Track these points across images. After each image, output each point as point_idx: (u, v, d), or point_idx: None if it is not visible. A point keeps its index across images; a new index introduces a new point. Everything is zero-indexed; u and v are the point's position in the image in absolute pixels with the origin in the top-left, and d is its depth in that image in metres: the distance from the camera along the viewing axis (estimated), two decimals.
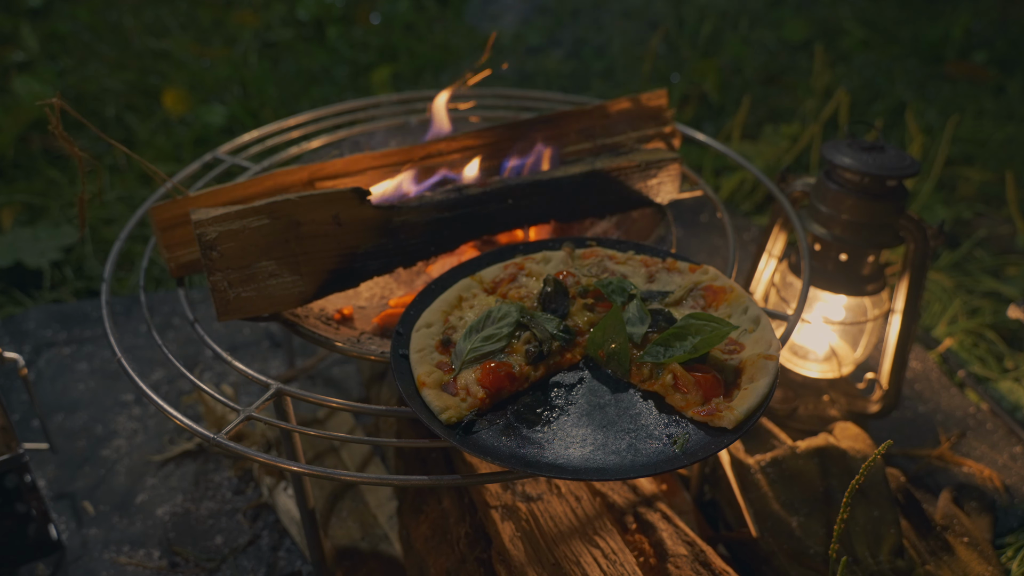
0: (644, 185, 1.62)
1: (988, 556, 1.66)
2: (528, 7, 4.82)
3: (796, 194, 1.83)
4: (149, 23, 4.49)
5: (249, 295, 1.33)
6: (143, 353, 2.32)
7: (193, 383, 1.28)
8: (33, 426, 2.06)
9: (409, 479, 1.13)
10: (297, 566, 1.72)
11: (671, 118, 1.80)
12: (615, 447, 1.09)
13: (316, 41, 4.42)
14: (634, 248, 1.44)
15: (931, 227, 1.71)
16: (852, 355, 1.93)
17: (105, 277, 1.51)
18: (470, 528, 1.51)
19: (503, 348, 1.22)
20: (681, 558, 1.44)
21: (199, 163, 1.84)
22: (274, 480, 1.86)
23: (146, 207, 1.64)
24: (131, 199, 3.03)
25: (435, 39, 4.44)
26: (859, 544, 1.55)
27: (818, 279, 1.83)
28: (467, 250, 1.62)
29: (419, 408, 1.14)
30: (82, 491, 1.89)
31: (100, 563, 1.72)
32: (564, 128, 1.74)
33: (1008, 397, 2.16)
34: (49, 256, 2.67)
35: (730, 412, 1.09)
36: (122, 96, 3.70)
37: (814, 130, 3.09)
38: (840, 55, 4.22)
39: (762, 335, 1.20)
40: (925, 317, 2.48)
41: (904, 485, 1.74)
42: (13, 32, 4.20)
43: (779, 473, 1.67)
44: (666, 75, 4.00)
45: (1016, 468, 1.95)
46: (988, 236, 2.89)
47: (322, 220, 1.35)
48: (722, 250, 2.81)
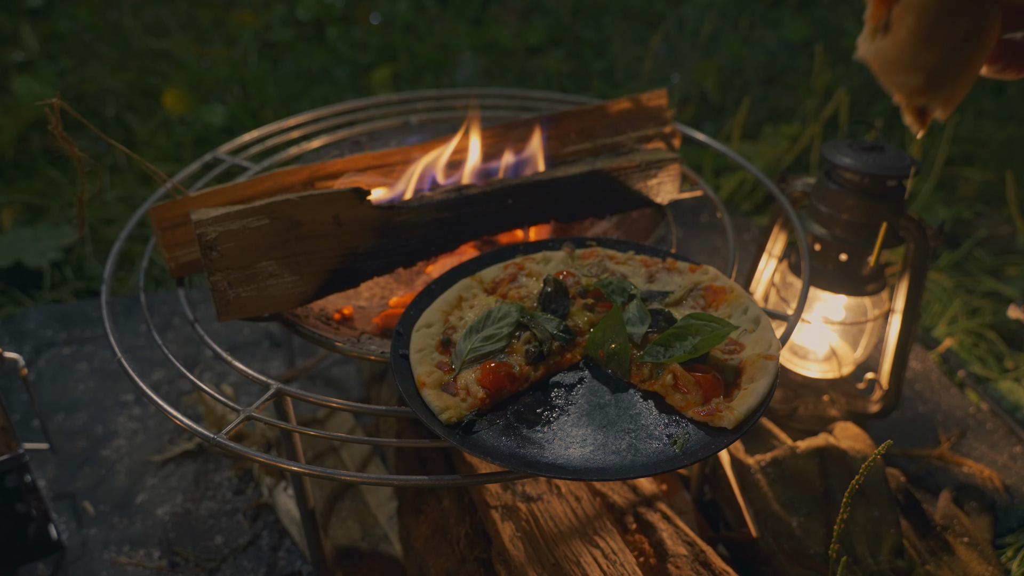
0: (644, 185, 1.62)
1: (988, 556, 1.66)
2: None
3: (796, 194, 1.83)
4: (149, 23, 4.49)
5: (249, 295, 1.33)
6: (143, 353, 2.32)
7: (193, 383, 1.28)
8: (33, 426, 2.06)
9: (409, 479, 1.13)
10: (297, 566, 1.72)
11: (671, 118, 1.80)
12: (615, 447, 1.09)
13: (316, 41, 4.42)
14: (634, 248, 1.44)
15: (931, 227, 1.71)
16: (852, 355, 1.93)
17: (105, 277, 1.51)
18: (470, 528, 1.51)
19: (503, 348, 1.22)
20: (681, 558, 1.44)
21: (199, 163, 1.84)
22: (274, 480, 1.86)
23: (146, 207, 1.64)
24: (131, 199, 3.03)
25: (435, 39, 4.44)
26: (859, 544, 1.55)
27: (818, 279, 1.83)
28: (467, 250, 1.61)
29: (419, 408, 1.14)
30: (82, 491, 1.89)
31: (100, 563, 1.72)
32: (564, 128, 1.74)
33: (1008, 397, 2.16)
34: (49, 256, 2.67)
35: (730, 412, 1.09)
36: (122, 96, 3.70)
37: (814, 130, 3.10)
38: (840, 55, 4.22)
39: (762, 335, 1.20)
40: (925, 317, 2.48)
41: (904, 485, 1.74)
42: (13, 32, 4.20)
43: (779, 473, 1.67)
44: (666, 75, 4.00)
45: (1016, 468, 1.95)
46: (988, 236, 2.89)
47: (322, 220, 1.35)
48: (722, 250, 2.81)
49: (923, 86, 0.85)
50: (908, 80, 0.85)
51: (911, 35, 0.81)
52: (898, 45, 0.83)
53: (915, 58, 0.83)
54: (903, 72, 0.85)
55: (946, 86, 0.85)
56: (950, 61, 0.83)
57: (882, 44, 0.84)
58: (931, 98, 0.87)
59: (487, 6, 4.89)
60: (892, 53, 0.84)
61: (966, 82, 0.86)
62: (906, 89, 0.87)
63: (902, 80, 0.86)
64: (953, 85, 0.85)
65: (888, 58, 0.85)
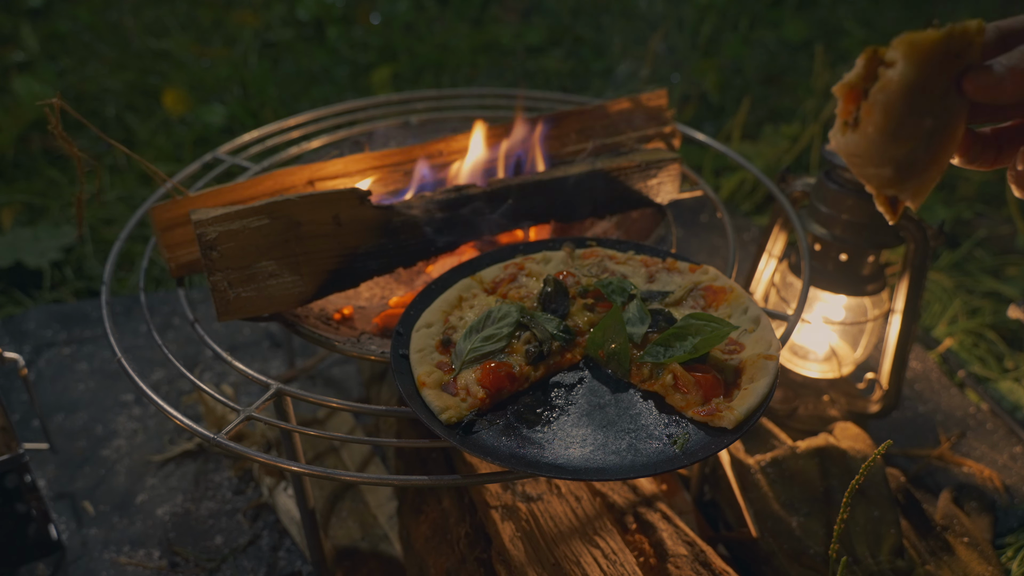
0: (644, 185, 1.62)
1: (988, 556, 1.66)
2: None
3: (796, 194, 1.83)
4: (149, 23, 4.49)
5: (249, 295, 1.33)
6: (143, 353, 2.32)
7: (193, 383, 1.28)
8: (33, 426, 2.06)
9: (409, 479, 1.13)
10: (297, 566, 1.72)
11: (671, 118, 1.80)
12: (615, 447, 1.09)
13: (316, 41, 4.42)
14: (634, 248, 1.44)
15: (931, 227, 1.71)
16: (852, 355, 1.93)
17: (105, 277, 1.51)
18: (470, 528, 1.51)
19: (503, 348, 1.22)
20: (681, 558, 1.44)
21: (199, 163, 1.84)
22: (274, 480, 1.86)
23: (146, 207, 1.64)
24: (131, 199, 3.03)
25: (435, 39, 4.44)
26: (859, 544, 1.55)
27: (818, 279, 1.83)
28: (467, 250, 1.62)
29: (419, 408, 1.14)
30: (82, 491, 1.89)
31: (100, 563, 1.72)
32: (564, 128, 1.74)
33: (1008, 397, 2.16)
34: (49, 256, 2.67)
35: (730, 412, 1.09)
36: (122, 96, 3.70)
37: (814, 130, 3.10)
38: (840, 55, 4.22)
39: (762, 335, 1.20)
40: (925, 317, 2.48)
41: (904, 485, 1.74)
42: (13, 32, 4.20)
43: (779, 473, 1.67)
44: (666, 75, 4.00)
45: (1016, 468, 1.95)
46: (988, 236, 2.89)
47: (322, 220, 1.35)
48: (722, 250, 2.81)
49: (892, 178, 0.88)
50: (877, 172, 0.88)
51: (878, 131, 0.84)
52: (867, 139, 0.86)
53: (883, 152, 0.86)
54: (872, 165, 0.88)
55: (914, 178, 0.89)
56: (917, 155, 0.86)
57: (852, 138, 0.87)
58: (900, 189, 0.90)
59: (487, 6, 4.89)
60: (861, 147, 0.87)
61: (934, 175, 0.90)
62: (876, 181, 0.90)
63: (872, 172, 0.89)
64: (921, 177, 0.89)
65: (857, 152, 0.88)
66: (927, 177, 0.89)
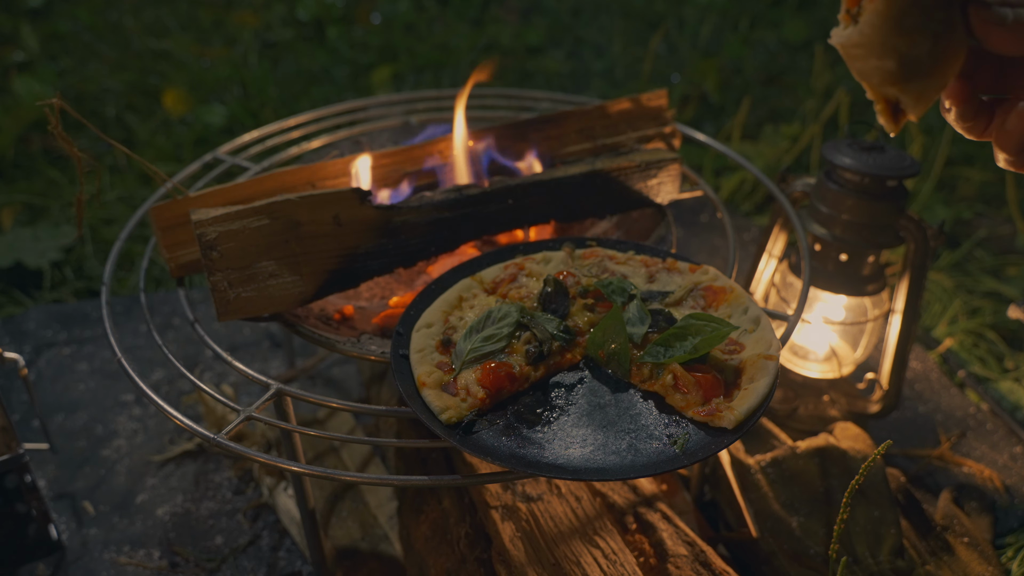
0: (644, 185, 1.62)
1: (988, 556, 1.66)
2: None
3: (796, 194, 1.83)
4: (149, 23, 4.49)
5: (249, 295, 1.33)
6: (143, 353, 2.32)
7: (193, 383, 1.28)
8: (33, 426, 2.06)
9: (409, 479, 1.13)
10: (297, 566, 1.72)
11: (671, 118, 1.80)
12: (615, 447, 1.09)
13: (316, 41, 4.42)
14: (634, 248, 1.44)
15: (931, 227, 1.71)
16: (852, 355, 1.93)
17: (105, 277, 1.51)
18: (470, 528, 1.51)
19: (503, 348, 1.22)
20: (681, 558, 1.44)
21: (199, 163, 1.84)
22: (274, 480, 1.86)
23: (146, 207, 1.64)
24: (131, 199, 3.03)
25: (435, 39, 4.44)
26: (859, 544, 1.55)
27: (818, 279, 1.83)
28: (467, 250, 1.62)
29: (419, 408, 1.14)
30: (82, 491, 1.89)
31: (100, 563, 1.72)
32: (564, 128, 1.74)
33: (1008, 397, 2.16)
34: (49, 256, 2.67)
35: (730, 412, 1.09)
36: (122, 96, 3.70)
37: (814, 130, 3.10)
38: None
39: (762, 335, 1.20)
40: (925, 317, 2.48)
41: (904, 485, 1.74)
42: (13, 32, 4.20)
43: (779, 473, 1.67)
44: (666, 75, 4.00)
45: (1016, 468, 1.95)
46: (988, 236, 2.89)
47: (322, 220, 1.35)
48: (722, 250, 2.81)
49: (895, 73, 0.85)
50: (880, 64, 0.86)
51: (881, 17, 0.83)
52: (870, 27, 0.84)
53: (886, 41, 0.84)
54: (875, 56, 0.86)
55: (917, 79, 0.86)
56: (921, 51, 0.83)
57: (855, 30, 0.86)
58: (903, 89, 0.87)
59: (487, 6, 4.89)
60: (865, 36, 0.85)
61: (938, 81, 0.86)
62: (878, 76, 0.87)
63: (874, 65, 0.86)
64: (925, 81, 0.86)
65: (861, 42, 0.86)
66: (930, 82, 0.86)
